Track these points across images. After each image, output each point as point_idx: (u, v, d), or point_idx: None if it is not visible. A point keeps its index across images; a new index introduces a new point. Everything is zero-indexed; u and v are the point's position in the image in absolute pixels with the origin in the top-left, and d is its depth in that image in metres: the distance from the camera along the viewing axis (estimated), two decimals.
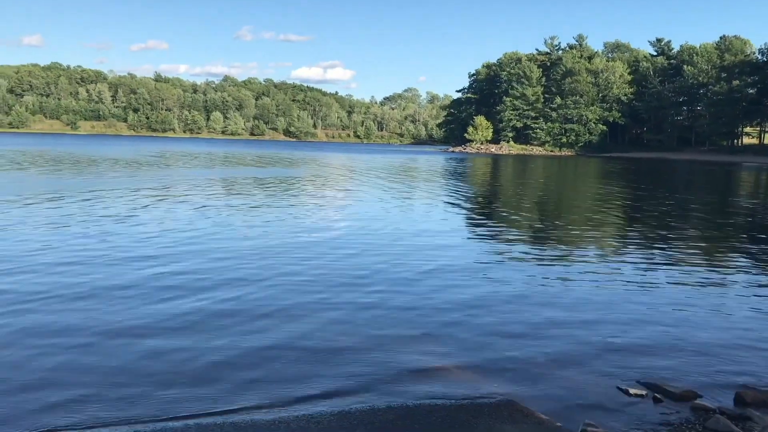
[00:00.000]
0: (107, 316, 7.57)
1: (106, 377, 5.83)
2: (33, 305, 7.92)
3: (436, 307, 8.45)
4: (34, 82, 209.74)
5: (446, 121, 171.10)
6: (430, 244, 13.59)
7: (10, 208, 17.23)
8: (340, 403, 5.43)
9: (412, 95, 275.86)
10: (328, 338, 7.07)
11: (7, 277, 9.33)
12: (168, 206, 18.94)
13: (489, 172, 52.63)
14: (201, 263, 10.68)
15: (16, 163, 39.44)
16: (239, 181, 30.60)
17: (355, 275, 10.15)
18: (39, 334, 6.89)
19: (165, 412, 5.18)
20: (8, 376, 5.78)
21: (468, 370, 6.28)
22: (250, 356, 6.46)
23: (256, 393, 5.61)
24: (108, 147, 79.61)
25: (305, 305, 8.35)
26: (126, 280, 9.32)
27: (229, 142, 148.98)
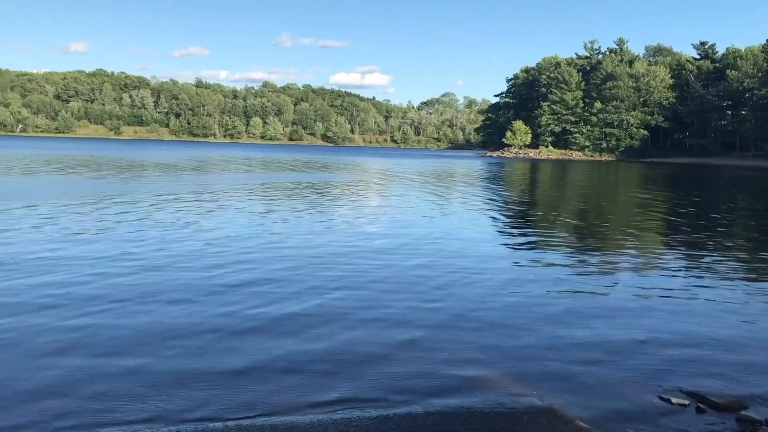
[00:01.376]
0: (167, 320, 7.76)
1: (156, 377, 5.97)
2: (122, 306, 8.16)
3: (475, 314, 8.43)
4: (80, 88, 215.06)
5: (484, 125, 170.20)
6: (468, 250, 13.55)
7: (89, 210, 17.70)
8: (378, 408, 5.44)
9: (449, 100, 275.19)
10: (369, 342, 7.12)
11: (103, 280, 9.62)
12: (226, 212, 19.19)
13: (528, 177, 52.20)
14: (262, 271, 10.74)
15: (74, 167, 40.48)
16: (283, 186, 30.87)
17: (394, 281, 10.16)
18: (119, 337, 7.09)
19: (217, 414, 5.29)
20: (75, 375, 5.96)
21: (507, 378, 6.25)
22: (292, 360, 6.52)
23: (295, 395, 5.67)
24: (152, 152, 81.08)
25: (347, 310, 8.39)
26: (185, 286, 9.48)
27: (268, 147, 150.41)
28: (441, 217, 19.65)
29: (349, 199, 25.11)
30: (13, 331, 7.06)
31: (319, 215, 18.93)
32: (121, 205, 19.82)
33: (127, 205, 19.85)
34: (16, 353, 6.45)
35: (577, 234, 17.40)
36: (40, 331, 7.12)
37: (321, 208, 20.93)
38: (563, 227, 18.51)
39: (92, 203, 20.14)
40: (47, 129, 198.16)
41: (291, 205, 21.39)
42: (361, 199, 25.29)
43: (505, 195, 30.53)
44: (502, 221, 19.81)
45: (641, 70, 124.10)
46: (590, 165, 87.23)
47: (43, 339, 6.87)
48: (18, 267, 10.24)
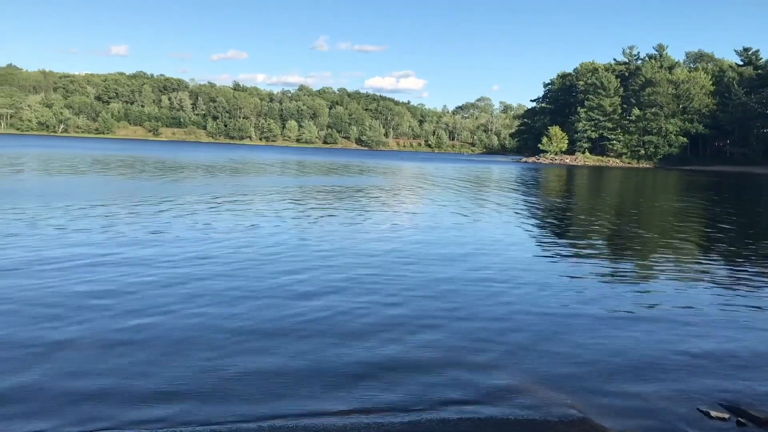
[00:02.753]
0: (248, 321, 7.96)
1: (222, 374, 6.14)
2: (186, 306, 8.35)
3: (510, 322, 8.43)
4: (120, 90, 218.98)
5: (519, 130, 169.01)
6: (505, 257, 13.53)
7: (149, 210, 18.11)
8: (411, 413, 5.48)
9: (484, 104, 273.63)
10: (404, 348, 7.17)
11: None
12: (279, 215, 19.44)
13: (564, 183, 51.71)
14: (304, 273, 10.94)
15: (122, 168, 41.34)
16: (319, 189, 31.11)
17: (430, 287, 10.21)
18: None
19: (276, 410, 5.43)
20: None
21: (540, 386, 6.24)
22: (327, 364, 6.61)
23: (329, 398, 5.76)
24: (191, 153, 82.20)
25: (388, 317, 8.45)
26: (265, 289, 9.70)
27: (303, 150, 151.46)
28: (477, 224, 19.58)
29: (395, 204, 25.16)
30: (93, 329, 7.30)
31: (371, 220, 19.05)
32: (181, 206, 20.28)
33: (187, 206, 20.34)
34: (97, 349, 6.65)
35: (615, 242, 17.22)
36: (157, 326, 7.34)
37: (372, 213, 21.02)
38: (601, 235, 18.33)
39: (154, 204, 20.59)
40: (88, 129, 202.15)
41: (337, 210, 21.53)
42: (406, 204, 25.33)
43: (542, 201, 30.31)
44: (538, 228, 19.69)
45: (681, 76, 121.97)
46: (627, 172, 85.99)
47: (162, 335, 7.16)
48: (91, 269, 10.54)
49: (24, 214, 16.60)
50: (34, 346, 6.74)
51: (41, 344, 6.79)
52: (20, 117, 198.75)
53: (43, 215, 16.62)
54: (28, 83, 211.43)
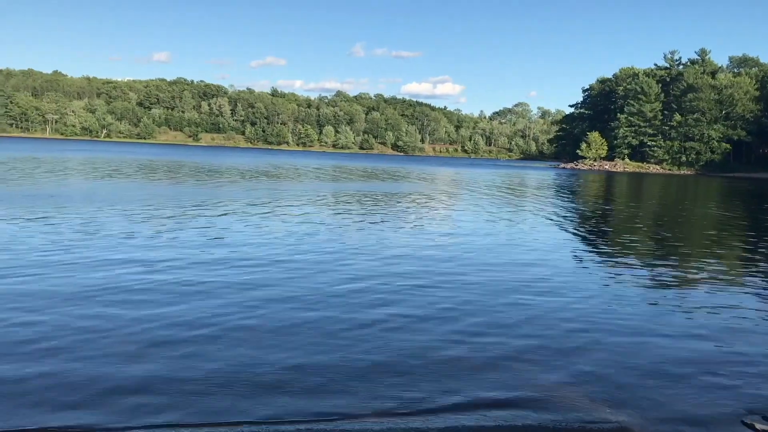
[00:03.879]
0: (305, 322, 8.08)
1: (261, 372, 6.21)
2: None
3: (548, 329, 8.36)
4: (161, 95, 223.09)
5: (557, 136, 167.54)
6: (542, 263, 13.41)
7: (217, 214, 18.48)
8: (449, 419, 5.45)
9: (522, 110, 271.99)
10: (443, 352, 7.16)
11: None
12: (331, 220, 19.64)
13: (604, 189, 51.08)
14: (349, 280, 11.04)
15: (173, 173, 42.17)
16: (364, 195, 31.26)
17: (468, 293, 10.17)
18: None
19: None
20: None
21: (580, 395, 6.17)
22: (381, 368, 6.64)
23: (373, 399, 5.78)
24: (231, 159, 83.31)
25: (429, 322, 8.46)
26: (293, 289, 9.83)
27: (340, 156, 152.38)
28: (516, 230, 19.44)
29: (438, 210, 25.20)
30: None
31: (419, 226, 19.11)
32: (236, 211, 20.66)
33: (241, 211, 20.69)
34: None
35: (653, 248, 16.94)
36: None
37: (418, 219, 21.08)
38: (642, 242, 18.08)
39: (208, 207, 21.01)
40: (129, 135, 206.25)
41: (386, 216, 21.62)
42: (450, 211, 25.33)
43: (580, 207, 30.00)
44: (576, 234, 19.49)
45: (724, 81, 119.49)
46: (668, 179, 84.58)
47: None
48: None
49: (82, 217, 17.07)
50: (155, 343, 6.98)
51: (152, 339, 7.02)
52: (65, 122, 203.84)
53: (102, 219, 16.99)
54: (73, 89, 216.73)
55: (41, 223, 15.64)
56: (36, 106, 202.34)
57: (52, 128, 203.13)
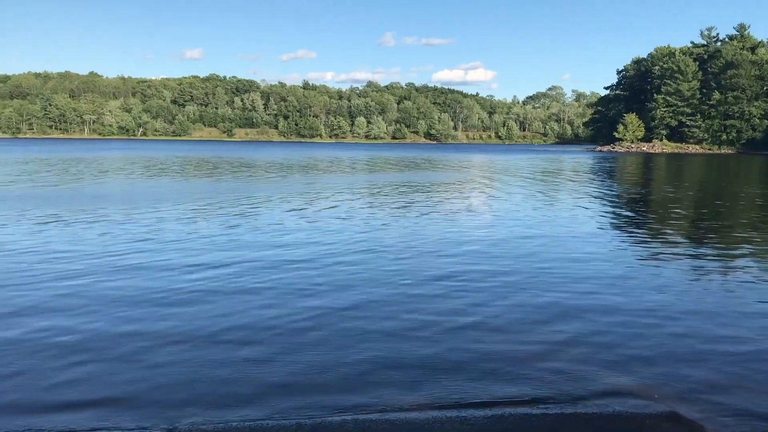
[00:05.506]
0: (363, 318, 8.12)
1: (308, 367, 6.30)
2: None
3: (593, 313, 8.31)
4: (195, 92, 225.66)
5: (593, 119, 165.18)
6: (587, 250, 13.28)
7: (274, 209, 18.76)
8: (494, 408, 5.44)
9: (556, 94, 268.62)
10: (491, 345, 7.13)
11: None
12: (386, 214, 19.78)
13: (642, 172, 50.22)
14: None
15: (216, 169, 42.78)
16: (406, 185, 31.30)
17: (512, 280, 10.14)
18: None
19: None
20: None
21: (628, 380, 6.10)
22: (416, 359, 6.65)
23: (417, 392, 5.79)
24: (272, 152, 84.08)
25: (475, 308, 8.45)
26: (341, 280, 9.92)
27: (373, 146, 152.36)
28: (554, 216, 19.24)
29: (479, 198, 25.09)
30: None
31: (464, 213, 19.08)
32: (289, 204, 20.84)
33: (295, 203, 20.89)
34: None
35: (702, 234, 16.61)
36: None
37: (460, 207, 21.06)
38: (685, 225, 17.77)
39: (261, 202, 21.26)
40: (165, 132, 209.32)
41: (416, 206, 21.63)
42: (486, 199, 25.17)
43: (618, 190, 29.56)
44: (617, 219, 19.20)
45: (766, 56, 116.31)
46: (708, 158, 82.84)
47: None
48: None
49: (145, 214, 17.43)
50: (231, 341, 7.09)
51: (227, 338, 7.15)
52: (102, 122, 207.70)
53: (166, 217, 17.36)
54: (109, 89, 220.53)
55: (114, 224, 16.04)
56: (74, 107, 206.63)
57: (90, 128, 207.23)
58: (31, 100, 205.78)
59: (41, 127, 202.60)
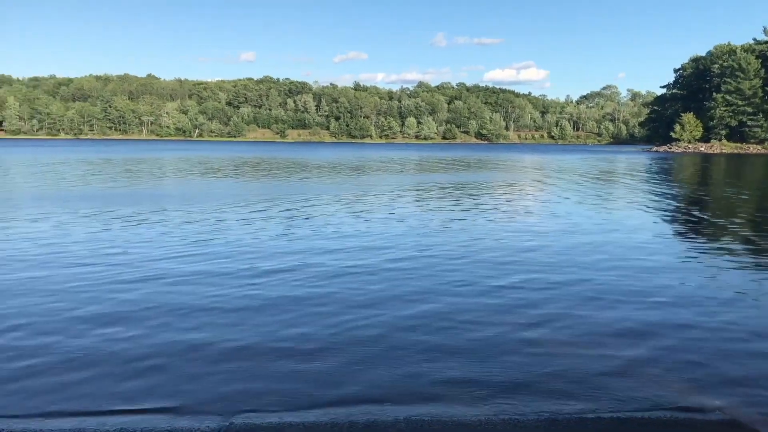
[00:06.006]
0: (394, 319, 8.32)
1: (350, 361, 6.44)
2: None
3: (664, 328, 8.10)
4: (249, 94, 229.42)
5: (649, 119, 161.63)
6: (646, 257, 13.04)
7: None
8: (548, 412, 5.43)
9: (610, 93, 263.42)
10: (545, 346, 7.16)
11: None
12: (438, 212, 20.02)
13: (701, 172, 48.95)
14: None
15: (277, 170, 43.60)
16: (463, 185, 31.31)
17: (574, 290, 10.07)
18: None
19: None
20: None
21: (684, 385, 6.03)
22: (468, 355, 6.74)
23: (458, 390, 5.87)
24: (326, 153, 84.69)
25: (539, 321, 8.43)
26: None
27: (423, 147, 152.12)
28: (613, 221, 18.96)
29: (528, 200, 24.96)
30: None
31: (524, 214, 19.06)
32: (355, 203, 21.13)
33: (361, 203, 21.21)
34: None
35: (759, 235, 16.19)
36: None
37: (518, 208, 21.02)
38: (755, 231, 17.32)
39: (328, 203, 21.64)
40: (220, 133, 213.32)
41: (472, 206, 21.66)
42: (539, 200, 25.00)
43: (678, 192, 28.93)
44: (679, 224, 18.82)
45: None
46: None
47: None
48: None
49: (204, 214, 18.00)
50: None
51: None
52: (159, 123, 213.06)
53: (226, 218, 17.84)
54: (166, 91, 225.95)
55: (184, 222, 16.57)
56: (133, 109, 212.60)
57: (148, 129, 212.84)
58: (92, 102, 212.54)
59: (102, 129, 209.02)
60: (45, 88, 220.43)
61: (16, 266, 10.90)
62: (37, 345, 6.92)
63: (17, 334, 7.30)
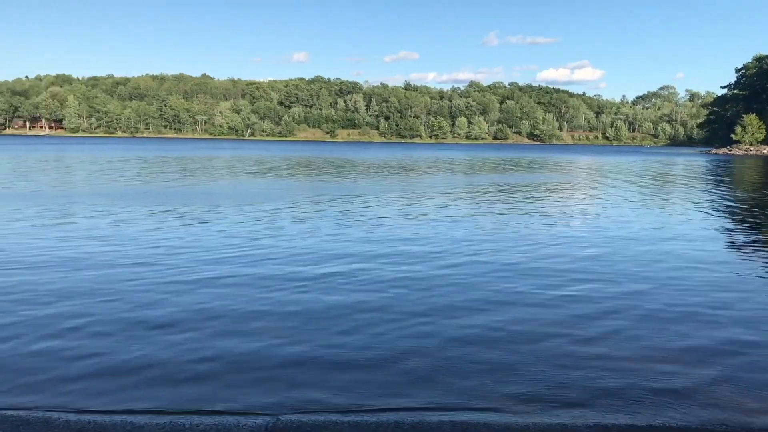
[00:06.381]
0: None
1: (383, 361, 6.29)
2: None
3: (714, 331, 7.81)
4: (300, 94, 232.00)
5: (708, 120, 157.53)
6: (709, 264, 12.58)
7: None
8: (597, 417, 5.30)
9: (668, 93, 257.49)
10: (605, 351, 6.96)
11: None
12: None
13: (764, 176, 47.18)
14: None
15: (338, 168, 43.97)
16: (518, 186, 30.95)
17: (628, 291, 9.78)
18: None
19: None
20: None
21: (755, 402, 5.70)
22: (517, 360, 6.57)
23: (510, 401, 5.69)
24: (373, 153, 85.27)
25: (585, 314, 8.33)
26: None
27: (474, 147, 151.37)
28: (671, 226, 18.35)
29: (584, 203, 24.44)
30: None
31: (580, 217, 18.71)
32: (401, 208, 21.14)
33: (422, 203, 21.20)
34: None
35: None
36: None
37: (574, 211, 20.63)
38: None
39: (372, 202, 21.72)
40: (272, 133, 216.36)
41: (527, 208, 21.31)
42: (595, 204, 24.46)
43: (740, 199, 27.91)
44: (740, 233, 18.03)
45: None
46: None
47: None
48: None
49: (259, 213, 18.12)
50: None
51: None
52: (213, 122, 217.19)
53: (281, 216, 18.01)
54: (219, 91, 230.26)
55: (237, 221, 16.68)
56: (187, 108, 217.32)
57: (201, 128, 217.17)
58: (148, 102, 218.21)
59: (157, 127, 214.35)
60: (103, 87, 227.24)
61: (80, 265, 11.07)
62: (96, 346, 6.97)
63: (77, 334, 7.37)
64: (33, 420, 5.06)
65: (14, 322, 7.71)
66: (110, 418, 5.09)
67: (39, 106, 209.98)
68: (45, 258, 11.46)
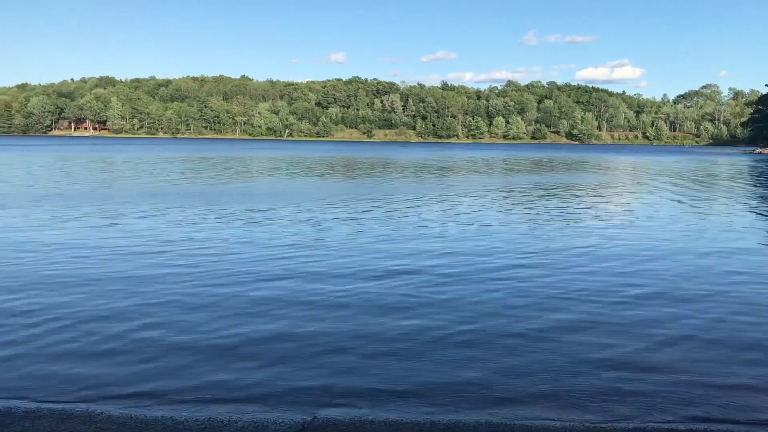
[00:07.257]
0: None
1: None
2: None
3: (741, 324, 7.93)
4: (337, 95, 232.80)
5: (753, 119, 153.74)
6: (739, 262, 12.56)
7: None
8: (636, 421, 5.33)
9: (710, 92, 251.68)
10: (643, 354, 7.01)
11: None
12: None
13: None
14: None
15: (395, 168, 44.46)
16: (564, 186, 30.94)
17: (690, 296, 9.74)
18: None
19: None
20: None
21: None
22: (536, 364, 6.67)
23: (554, 402, 5.78)
24: (411, 153, 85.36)
25: (625, 317, 8.39)
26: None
27: (511, 147, 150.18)
28: (725, 227, 18.03)
29: (626, 205, 24.34)
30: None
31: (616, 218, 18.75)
32: (442, 209, 21.42)
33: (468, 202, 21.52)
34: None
35: None
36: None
37: (612, 211, 20.66)
38: None
39: (414, 202, 22.05)
40: (309, 133, 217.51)
41: (568, 210, 21.36)
42: (637, 206, 24.31)
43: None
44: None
45: None
46: None
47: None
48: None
49: (307, 214, 18.61)
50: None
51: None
52: (252, 123, 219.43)
53: (327, 218, 18.35)
54: (258, 92, 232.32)
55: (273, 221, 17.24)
56: (227, 109, 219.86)
57: (241, 129, 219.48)
58: (189, 103, 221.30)
59: (197, 128, 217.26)
60: (145, 88, 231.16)
61: (136, 261, 11.61)
62: (147, 336, 7.44)
63: (132, 324, 7.89)
64: (77, 414, 5.18)
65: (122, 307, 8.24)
66: (151, 414, 5.25)
67: (84, 108, 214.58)
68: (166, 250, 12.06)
